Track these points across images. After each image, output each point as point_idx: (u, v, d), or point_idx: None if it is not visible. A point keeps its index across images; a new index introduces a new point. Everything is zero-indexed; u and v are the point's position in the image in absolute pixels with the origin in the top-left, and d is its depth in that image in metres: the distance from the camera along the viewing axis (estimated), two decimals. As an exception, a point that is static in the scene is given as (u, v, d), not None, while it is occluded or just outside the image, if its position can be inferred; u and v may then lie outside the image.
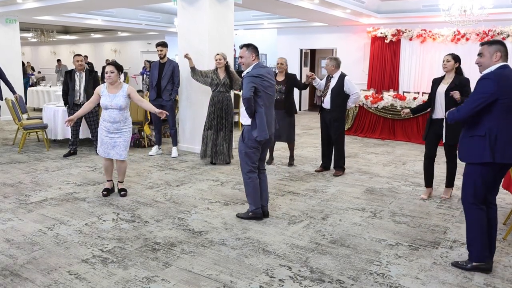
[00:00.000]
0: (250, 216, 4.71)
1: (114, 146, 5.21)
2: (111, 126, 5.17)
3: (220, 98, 6.91)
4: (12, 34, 12.54)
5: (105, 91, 5.17)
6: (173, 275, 3.49)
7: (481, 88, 3.39)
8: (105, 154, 5.28)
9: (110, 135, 5.19)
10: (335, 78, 6.37)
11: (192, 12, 7.76)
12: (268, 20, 14.25)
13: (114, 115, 5.12)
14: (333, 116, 6.40)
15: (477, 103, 3.39)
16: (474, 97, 3.42)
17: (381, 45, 13.15)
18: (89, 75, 7.54)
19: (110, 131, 5.18)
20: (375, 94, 10.66)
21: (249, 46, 4.56)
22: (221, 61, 6.84)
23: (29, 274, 3.47)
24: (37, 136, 9.23)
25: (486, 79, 3.40)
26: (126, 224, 4.56)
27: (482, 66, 3.55)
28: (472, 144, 3.49)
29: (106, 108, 5.14)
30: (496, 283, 3.41)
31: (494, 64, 3.48)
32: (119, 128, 5.19)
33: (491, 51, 3.48)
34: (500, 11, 10.52)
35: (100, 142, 5.28)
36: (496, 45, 3.49)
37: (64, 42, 22.79)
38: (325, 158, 6.79)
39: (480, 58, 3.56)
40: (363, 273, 3.55)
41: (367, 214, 4.93)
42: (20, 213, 4.86)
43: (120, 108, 5.11)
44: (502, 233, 4.38)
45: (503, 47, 3.49)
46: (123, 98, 5.12)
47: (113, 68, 5.11)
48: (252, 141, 4.53)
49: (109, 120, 5.15)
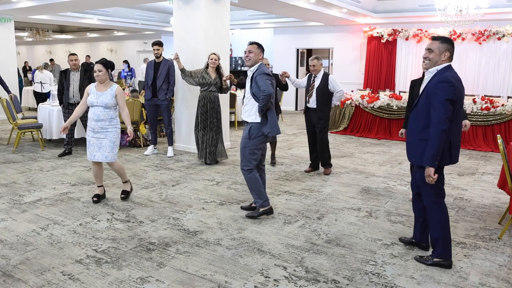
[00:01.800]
0: (261, 212, 4.72)
1: (100, 147, 5.02)
2: (95, 125, 4.99)
3: (211, 97, 6.91)
4: (7, 33, 12.49)
5: (94, 89, 5.05)
6: (168, 275, 3.47)
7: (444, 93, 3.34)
8: (91, 157, 5.07)
9: (96, 135, 5.02)
10: (318, 77, 6.39)
11: (188, 11, 7.74)
12: (264, 19, 14.24)
13: (98, 112, 4.96)
14: (319, 115, 6.42)
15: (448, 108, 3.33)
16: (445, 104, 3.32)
17: (377, 45, 13.16)
18: (84, 75, 7.50)
19: (95, 130, 5.01)
20: (371, 93, 10.67)
21: (260, 45, 4.65)
22: (216, 62, 6.83)
23: (22, 275, 3.44)
24: (32, 136, 9.18)
25: (448, 83, 3.36)
26: (120, 224, 4.54)
27: (430, 61, 3.55)
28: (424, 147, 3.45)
29: (92, 105, 4.99)
30: (491, 282, 3.40)
31: (441, 62, 3.49)
32: (104, 127, 4.99)
33: (442, 49, 3.48)
34: (495, 11, 10.56)
35: (87, 145, 5.10)
36: (447, 45, 3.50)
37: (60, 41, 22.72)
38: (314, 158, 6.79)
39: (429, 53, 3.54)
40: (358, 273, 3.54)
41: (362, 214, 4.93)
42: (14, 213, 4.83)
43: (105, 106, 4.95)
44: (498, 233, 4.38)
45: (453, 48, 3.52)
46: (110, 96, 4.97)
47: (101, 67, 5.02)
48: (259, 138, 4.58)
49: (93, 118, 4.99)
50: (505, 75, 11.46)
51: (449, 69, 3.49)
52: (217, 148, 7.08)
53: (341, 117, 10.52)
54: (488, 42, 11.52)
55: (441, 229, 3.58)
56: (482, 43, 11.59)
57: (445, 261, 3.62)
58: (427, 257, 3.71)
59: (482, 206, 5.26)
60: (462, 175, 6.70)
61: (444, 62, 3.50)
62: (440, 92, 3.36)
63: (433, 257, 3.66)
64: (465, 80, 11.94)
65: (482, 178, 6.56)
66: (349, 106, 10.40)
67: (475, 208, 5.18)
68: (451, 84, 3.35)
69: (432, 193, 3.58)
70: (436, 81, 3.43)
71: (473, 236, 4.33)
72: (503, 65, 11.44)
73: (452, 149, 3.48)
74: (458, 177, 6.58)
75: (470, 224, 4.64)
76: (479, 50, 11.69)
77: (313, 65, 6.38)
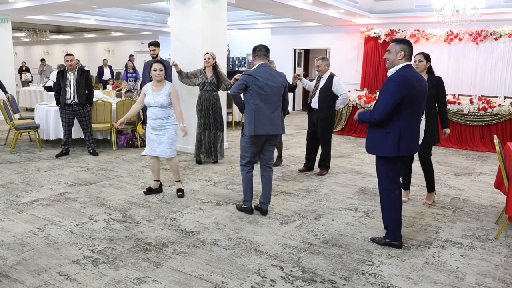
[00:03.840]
0: (241, 208, 4.92)
1: (160, 143, 5.29)
2: (154, 123, 5.27)
3: (207, 97, 6.92)
4: (4, 34, 12.46)
5: (150, 90, 5.29)
6: (165, 275, 3.47)
7: (389, 90, 3.66)
8: (151, 152, 5.37)
9: (155, 132, 5.30)
10: (324, 78, 6.37)
11: (185, 12, 7.74)
12: (261, 20, 14.25)
13: (156, 111, 5.22)
14: (320, 116, 6.39)
15: (390, 105, 3.64)
16: (385, 100, 3.67)
17: (374, 45, 13.19)
18: (81, 75, 7.48)
19: (154, 127, 5.29)
20: (368, 94, 10.69)
21: (255, 49, 4.74)
22: (209, 60, 6.84)
23: (18, 275, 3.43)
24: (29, 136, 9.17)
25: (392, 81, 3.67)
26: (117, 224, 4.54)
27: (388, 61, 3.83)
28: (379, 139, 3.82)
29: (149, 106, 5.25)
30: (487, 282, 3.41)
31: (398, 62, 3.75)
32: (162, 125, 5.25)
33: (397, 49, 3.74)
34: (492, 11, 10.58)
35: (147, 141, 5.39)
36: (402, 45, 3.78)
37: (57, 41, 22.68)
38: (309, 158, 6.78)
39: (388, 54, 3.82)
40: (355, 273, 3.55)
41: (359, 214, 4.93)
42: (11, 213, 4.82)
43: (161, 106, 5.20)
44: (494, 233, 4.40)
45: (409, 48, 3.75)
46: (165, 96, 5.20)
47: (161, 66, 5.24)
48: (244, 137, 4.73)
49: (151, 117, 5.28)
50: (502, 75, 11.49)
51: (406, 68, 3.73)
52: (212, 147, 7.11)
53: (338, 118, 10.53)
54: (485, 43, 11.55)
55: (392, 215, 3.95)
56: (479, 43, 11.62)
57: (395, 241, 4.01)
58: (379, 238, 4.13)
59: (479, 206, 5.27)
60: (459, 175, 6.72)
61: (401, 61, 3.75)
62: (385, 88, 3.70)
63: (386, 238, 4.06)
64: (462, 80, 12.16)
65: (479, 178, 6.58)
66: (346, 107, 10.41)
67: (471, 208, 5.19)
68: (396, 82, 3.64)
69: (385, 181, 3.92)
70: (389, 79, 3.73)
71: (470, 236, 4.34)
72: (500, 66, 11.48)
73: (401, 141, 3.74)
74: (455, 177, 6.60)
75: (466, 224, 4.65)
76: (476, 51, 11.72)
77: (317, 65, 6.35)
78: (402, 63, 3.74)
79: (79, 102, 7.43)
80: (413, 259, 3.80)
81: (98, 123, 8.07)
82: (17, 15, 12.55)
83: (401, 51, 3.73)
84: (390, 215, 3.97)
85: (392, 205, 3.94)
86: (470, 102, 9.00)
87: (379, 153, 3.87)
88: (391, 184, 3.91)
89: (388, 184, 3.92)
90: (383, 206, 4.01)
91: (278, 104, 4.64)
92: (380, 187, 3.99)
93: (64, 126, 7.62)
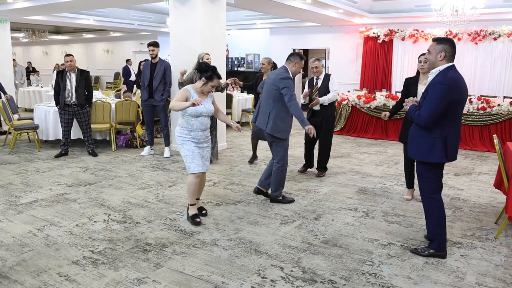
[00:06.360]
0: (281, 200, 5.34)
1: (207, 157, 4.71)
2: (202, 135, 4.58)
3: None
4: (3, 34, 12.44)
5: (195, 95, 4.54)
6: (164, 276, 3.47)
7: (437, 94, 3.46)
8: (204, 168, 4.61)
9: (200, 145, 4.59)
10: (320, 78, 6.40)
11: (184, 12, 7.73)
12: (261, 20, 14.24)
13: (205, 121, 4.58)
14: (324, 115, 6.38)
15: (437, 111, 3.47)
16: (432, 105, 3.47)
17: (373, 45, 13.18)
18: (81, 75, 7.47)
19: (200, 141, 4.58)
20: (367, 94, 10.68)
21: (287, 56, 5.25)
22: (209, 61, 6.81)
23: (18, 276, 3.42)
24: (28, 137, 9.15)
25: (440, 84, 3.46)
26: (117, 225, 4.53)
27: (428, 63, 3.68)
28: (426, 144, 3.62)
29: (200, 115, 4.52)
30: (488, 282, 3.41)
31: (439, 63, 3.54)
32: (207, 136, 4.68)
33: (438, 49, 3.54)
34: (491, 11, 10.58)
35: (192, 158, 4.50)
36: (443, 45, 3.53)
37: (56, 42, 22.64)
38: (308, 159, 6.77)
39: (428, 54, 3.65)
40: (355, 273, 3.54)
41: (359, 214, 4.93)
42: (10, 214, 4.81)
43: (211, 113, 4.64)
44: (494, 232, 4.40)
45: (450, 47, 3.53)
46: (210, 102, 4.66)
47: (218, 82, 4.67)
48: None
49: (200, 128, 4.54)
50: (501, 75, 11.50)
51: (451, 70, 3.52)
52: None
53: (337, 118, 10.53)
54: (484, 42, 11.55)
55: (436, 224, 3.77)
56: (478, 43, 11.62)
57: (440, 251, 3.82)
58: (421, 249, 3.89)
59: (479, 206, 5.27)
60: (459, 175, 6.72)
61: (441, 62, 3.53)
62: (432, 92, 3.49)
63: (430, 249, 3.84)
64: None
65: (478, 178, 6.58)
66: (345, 107, 10.41)
67: (471, 208, 5.19)
68: (445, 86, 3.43)
69: (429, 189, 3.73)
70: (435, 81, 3.51)
71: (470, 236, 4.34)
72: (499, 65, 11.48)
73: (448, 147, 3.58)
74: (454, 177, 6.60)
75: (466, 224, 4.65)
76: (475, 50, 11.73)
77: (316, 66, 6.30)
78: (445, 64, 3.52)
79: (78, 103, 7.42)
80: (413, 259, 3.80)
81: (97, 124, 8.06)
82: (15, 16, 12.53)
83: (442, 51, 3.50)
84: (435, 224, 3.77)
85: (436, 213, 3.75)
86: (469, 102, 9.00)
87: (427, 159, 3.63)
88: (434, 191, 3.73)
89: (432, 192, 3.73)
90: (427, 214, 3.82)
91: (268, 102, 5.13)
92: (423, 195, 3.79)
93: (63, 126, 7.61)
